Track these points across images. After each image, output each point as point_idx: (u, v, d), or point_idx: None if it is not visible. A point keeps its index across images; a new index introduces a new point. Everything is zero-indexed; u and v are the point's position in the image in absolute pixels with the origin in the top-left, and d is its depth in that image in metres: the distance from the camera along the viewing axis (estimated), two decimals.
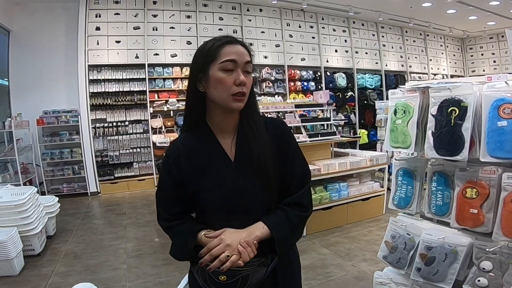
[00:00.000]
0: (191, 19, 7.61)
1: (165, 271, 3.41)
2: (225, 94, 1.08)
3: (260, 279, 1.11)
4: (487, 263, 1.42)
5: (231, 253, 1.03)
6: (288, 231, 1.13)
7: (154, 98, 7.29)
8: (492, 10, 8.83)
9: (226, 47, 1.08)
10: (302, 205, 1.18)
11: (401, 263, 1.71)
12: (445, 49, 11.68)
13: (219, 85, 1.08)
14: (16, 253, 3.32)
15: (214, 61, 1.08)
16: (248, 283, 1.09)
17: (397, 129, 1.73)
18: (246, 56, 1.10)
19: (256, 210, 1.14)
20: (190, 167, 1.16)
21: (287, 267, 1.23)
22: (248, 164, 1.14)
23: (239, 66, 1.08)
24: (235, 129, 1.19)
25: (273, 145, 1.18)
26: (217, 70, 1.08)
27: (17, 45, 6.71)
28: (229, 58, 1.07)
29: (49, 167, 6.68)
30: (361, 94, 9.41)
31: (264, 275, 1.11)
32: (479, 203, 1.45)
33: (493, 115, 1.37)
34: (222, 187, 1.13)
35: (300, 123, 4.63)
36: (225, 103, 1.10)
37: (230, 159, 1.16)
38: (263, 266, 1.11)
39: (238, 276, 1.07)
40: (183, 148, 1.18)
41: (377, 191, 4.76)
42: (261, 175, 1.13)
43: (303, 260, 3.52)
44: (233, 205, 1.14)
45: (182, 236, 1.17)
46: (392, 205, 1.87)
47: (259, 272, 1.10)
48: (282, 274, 1.20)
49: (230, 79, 1.07)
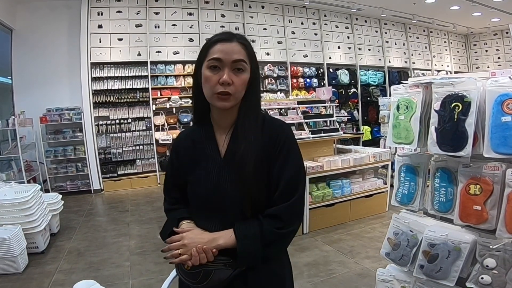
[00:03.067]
0: (193, 16, 7.60)
1: (168, 268, 3.37)
2: (210, 93, 1.09)
3: (223, 279, 1.08)
4: (490, 260, 1.40)
5: (183, 253, 1.07)
6: (258, 246, 1.06)
7: (157, 95, 7.30)
8: (497, 7, 8.75)
9: (217, 45, 1.09)
10: (281, 220, 1.08)
11: (404, 260, 1.70)
12: (448, 46, 11.61)
13: (205, 83, 1.10)
14: (20, 250, 3.34)
15: (205, 58, 1.10)
16: (209, 279, 1.07)
17: (399, 124, 1.72)
18: (235, 54, 1.08)
19: (231, 212, 1.12)
20: (186, 158, 1.21)
21: (267, 278, 1.14)
22: (234, 162, 1.12)
23: (226, 64, 1.07)
24: (231, 126, 1.18)
25: (265, 146, 1.13)
26: (205, 68, 1.10)
27: (19, 43, 6.72)
28: (214, 57, 1.07)
29: (53, 164, 6.70)
30: (364, 90, 9.38)
31: (229, 277, 1.08)
32: (482, 199, 1.43)
33: (497, 111, 1.36)
34: (207, 183, 1.14)
35: (302, 120, 4.62)
36: (211, 101, 1.12)
37: (220, 155, 1.16)
38: (229, 267, 1.08)
39: (200, 269, 1.07)
40: (185, 139, 1.24)
41: (380, 187, 4.74)
42: (241, 176, 1.09)
43: (305, 257, 3.54)
44: (212, 203, 1.14)
45: (169, 221, 1.22)
46: (395, 201, 1.86)
47: (223, 272, 1.08)
48: (258, 281, 1.13)
49: (215, 78, 1.07)
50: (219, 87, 1.07)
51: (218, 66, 1.08)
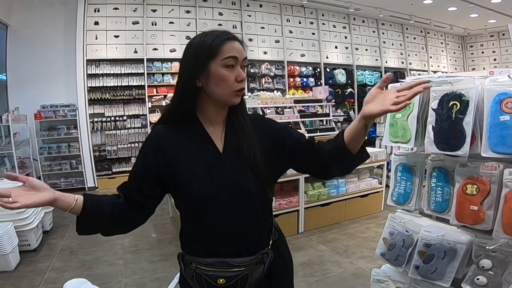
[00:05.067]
0: (190, 14, 7.56)
1: (161, 267, 3.38)
2: (229, 91, 1.09)
3: (258, 277, 1.10)
4: (486, 261, 1.39)
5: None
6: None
7: (153, 93, 7.26)
8: (494, 8, 8.78)
9: (227, 44, 1.07)
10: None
11: (399, 261, 1.69)
12: (445, 47, 11.63)
13: (221, 82, 1.07)
14: (12, 248, 3.29)
15: (216, 57, 1.07)
16: (248, 283, 1.08)
17: (396, 123, 1.70)
18: (244, 52, 1.11)
19: (247, 203, 1.11)
20: (173, 156, 1.11)
21: (279, 260, 1.20)
22: (237, 156, 1.12)
23: (239, 62, 1.09)
24: (224, 122, 1.18)
25: (260, 137, 1.17)
26: (219, 66, 1.07)
27: (15, 39, 6.64)
28: (231, 55, 1.07)
29: (47, 161, 6.64)
30: (361, 90, 9.37)
31: (262, 273, 1.10)
32: (479, 199, 1.42)
33: (495, 109, 1.34)
34: (212, 178, 1.09)
35: (299, 119, 4.61)
36: (226, 99, 1.10)
37: (219, 150, 1.14)
38: (260, 263, 1.11)
39: (237, 278, 1.06)
40: (167, 136, 1.14)
41: (375, 187, 4.74)
42: (251, 166, 1.11)
43: (300, 256, 3.52)
44: (225, 197, 1.10)
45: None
46: (391, 201, 1.85)
47: (257, 271, 1.10)
48: (276, 268, 1.18)
49: (232, 76, 1.07)
50: (238, 84, 1.08)
51: (233, 64, 1.08)
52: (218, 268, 1.08)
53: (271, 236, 1.18)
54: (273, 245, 1.18)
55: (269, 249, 1.15)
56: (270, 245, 1.17)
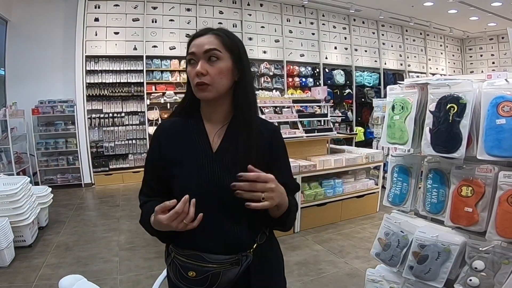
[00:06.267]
0: (191, 12, 7.56)
1: (157, 264, 3.38)
2: (194, 86, 1.12)
3: (232, 278, 1.07)
4: (479, 262, 1.40)
5: (267, 197, 1.00)
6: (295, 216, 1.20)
7: (152, 90, 7.25)
8: (494, 11, 8.81)
9: (192, 42, 1.13)
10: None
11: (394, 261, 1.70)
12: (444, 49, 11.67)
13: (189, 78, 1.14)
14: (7, 244, 3.28)
15: (187, 56, 1.14)
16: (219, 281, 1.05)
17: (394, 125, 1.71)
18: (206, 45, 1.10)
19: (232, 203, 1.08)
20: (170, 149, 1.16)
21: (263, 265, 1.17)
22: (230, 156, 1.11)
23: (199, 56, 1.10)
24: (225, 121, 1.17)
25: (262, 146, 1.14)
26: (187, 64, 1.14)
27: (14, 35, 6.62)
28: (190, 51, 1.12)
29: (44, 157, 6.63)
30: (359, 91, 9.41)
31: (237, 274, 1.07)
32: (474, 201, 1.43)
33: (492, 113, 1.35)
34: (200, 175, 1.10)
35: (297, 118, 4.61)
36: (196, 95, 1.14)
37: (211, 149, 1.14)
38: (236, 265, 1.08)
39: (208, 274, 1.05)
40: (168, 130, 1.20)
41: (371, 188, 4.75)
42: (243, 169, 1.04)
43: (296, 256, 3.53)
44: (208, 195, 1.09)
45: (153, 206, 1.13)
46: (387, 201, 1.86)
47: (231, 271, 1.07)
48: (257, 274, 1.14)
49: (193, 71, 1.10)
50: (196, 78, 1.10)
51: (194, 59, 1.11)
52: (192, 261, 1.07)
53: (256, 239, 1.15)
54: (258, 249, 1.13)
55: (251, 252, 1.11)
56: (254, 249, 1.13)
